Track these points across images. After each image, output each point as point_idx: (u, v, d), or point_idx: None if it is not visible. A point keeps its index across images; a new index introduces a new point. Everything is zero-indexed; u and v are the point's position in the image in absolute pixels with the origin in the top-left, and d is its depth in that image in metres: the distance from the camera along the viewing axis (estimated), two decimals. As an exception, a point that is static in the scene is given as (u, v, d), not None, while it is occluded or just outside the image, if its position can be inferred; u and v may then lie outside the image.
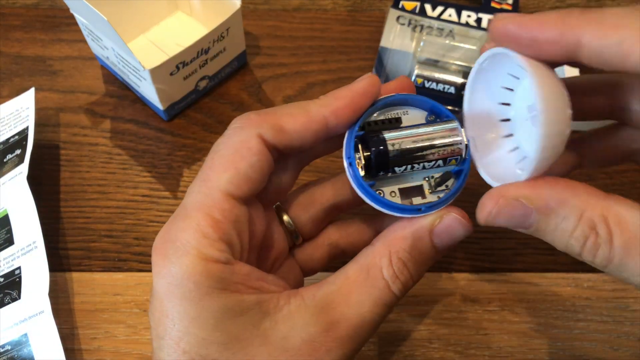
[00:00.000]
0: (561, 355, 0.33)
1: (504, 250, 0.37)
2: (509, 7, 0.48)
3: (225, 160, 0.22)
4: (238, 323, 0.21)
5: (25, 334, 0.31)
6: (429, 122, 0.24)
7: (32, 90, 0.41)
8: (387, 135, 0.23)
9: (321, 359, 0.21)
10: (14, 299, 0.32)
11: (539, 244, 0.32)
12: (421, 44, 0.46)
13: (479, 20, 0.47)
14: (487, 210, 0.21)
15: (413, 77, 0.42)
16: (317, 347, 0.21)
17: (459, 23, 0.47)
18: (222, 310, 0.21)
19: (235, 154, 0.22)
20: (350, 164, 0.23)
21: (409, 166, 0.23)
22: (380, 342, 0.33)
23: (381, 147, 0.23)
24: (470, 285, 0.35)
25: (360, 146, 0.24)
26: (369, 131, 0.24)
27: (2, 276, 0.34)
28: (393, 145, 0.23)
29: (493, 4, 0.48)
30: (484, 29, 0.47)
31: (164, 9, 0.46)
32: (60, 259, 0.36)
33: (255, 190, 0.23)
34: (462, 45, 0.45)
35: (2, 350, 0.31)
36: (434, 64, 0.44)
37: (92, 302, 0.34)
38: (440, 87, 0.42)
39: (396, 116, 0.25)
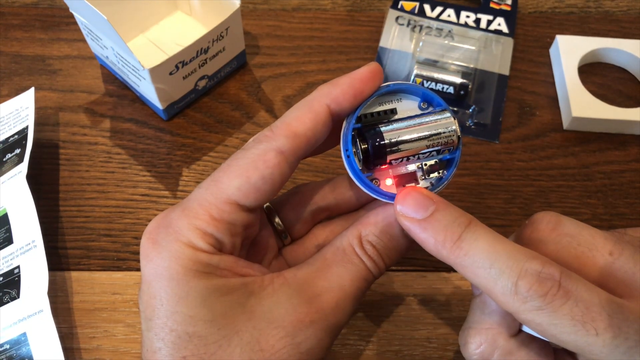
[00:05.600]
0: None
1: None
2: (508, 8, 0.48)
3: (239, 168, 0.23)
4: (224, 301, 0.22)
5: (24, 333, 0.31)
6: (423, 113, 0.25)
7: (31, 90, 0.41)
8: (384, 128, 0.24)
9: (305, 329, 0.22)
10: (13, 298, 0.32)
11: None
12: (420, 44, 0.46)
13: (477, 21, 0.47)
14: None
15: (412, 77, 0.43)
16: (301, 317, 0.22)
17: (457, 23, 0.47)
18: (209, 290, 0.22)
19: (250, 164, 0.23)
20: (349, 156, 0.24)
21: (405, 158, 0.24)
22: (379, 341, 0.33)
23: (378, 140, 0.24)
24: (469, 284, 0.35)
25: (357, 139, 0.24)
26: (365, 124, 0.25)
27: (1, 275, 0.34)
28: (390, 138, 0.24)
29: (492, 5, 0.48)
30: (482, 30, 0.47)
31: (164, 9, 0.46)
32: (59, 258, 0.36)
33: (262, 202, 0.24)
34: (461, 45, 0.46)
35: (0, 349, 0.31)
36: (433, 64, 0.44)
37: (91, 301, 0.34)
38: (439, 87, 0.42)
39: (391, 107, 0.25)
